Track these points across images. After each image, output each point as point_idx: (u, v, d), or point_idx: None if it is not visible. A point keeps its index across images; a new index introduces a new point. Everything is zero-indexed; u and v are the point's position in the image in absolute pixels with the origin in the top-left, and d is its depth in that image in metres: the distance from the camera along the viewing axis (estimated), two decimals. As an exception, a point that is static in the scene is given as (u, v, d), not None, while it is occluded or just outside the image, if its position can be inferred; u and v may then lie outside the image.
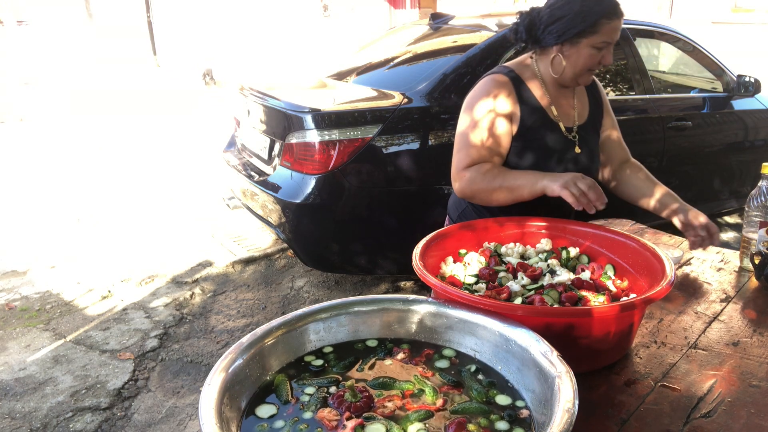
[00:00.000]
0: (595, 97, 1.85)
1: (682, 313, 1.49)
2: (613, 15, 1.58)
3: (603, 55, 1.61)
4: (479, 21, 3.88)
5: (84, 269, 3.97)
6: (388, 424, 0.94)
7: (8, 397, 2.67)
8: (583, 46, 1.60)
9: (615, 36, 1.60)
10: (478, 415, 0.97)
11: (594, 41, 1.59)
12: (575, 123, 1.76)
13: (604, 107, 1.88)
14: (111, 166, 6.28)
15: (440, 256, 1.46)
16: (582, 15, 1.56)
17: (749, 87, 4.10)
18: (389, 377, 1.07)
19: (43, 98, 9.81)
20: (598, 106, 1.85)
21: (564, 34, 1.60)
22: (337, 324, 1.18)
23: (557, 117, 1.72)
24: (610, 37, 1.59)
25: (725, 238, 4.52)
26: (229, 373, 0.98)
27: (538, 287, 1.33)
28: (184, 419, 2.56)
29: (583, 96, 1.82)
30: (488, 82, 1.69)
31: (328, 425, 0.95)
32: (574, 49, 1.62)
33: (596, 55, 1.61)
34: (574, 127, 1.75)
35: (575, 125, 1.75)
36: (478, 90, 1.70)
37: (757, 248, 1.66)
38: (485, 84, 1.70)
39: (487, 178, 1.61)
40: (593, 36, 1.58)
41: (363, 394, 1.00)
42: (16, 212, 5.05)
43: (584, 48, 1.60)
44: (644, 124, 3.79)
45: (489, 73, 1.73)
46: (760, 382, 1.19)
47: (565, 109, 1.75)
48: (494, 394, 1.02)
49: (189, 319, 3.38)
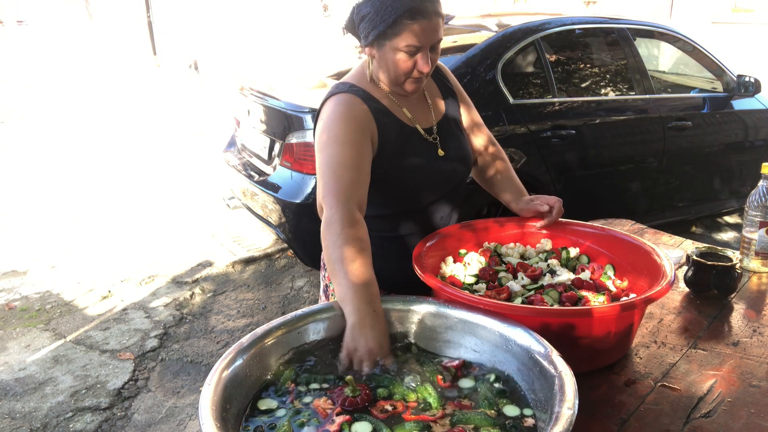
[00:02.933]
0: (444, 84, 1.62)
1: (682, 313, 1.49)
2: (418, 14, 1.30)
3: (416, 60, 1.35)
4: (479, 21, 3.88)
5: (84, 269, 3.97)
6: (377, 425, 0.94)
7: (8, 397, 2.67)
8: (388, 49, 1.36)
9: (425, 39, 1.33)
10: (480, 425, 0.95)
11: (398, 44, 1.33)
12: (434, 123, 1.53)
13: (458, 94, 1.64)
14: (111, 166, 6.28)
15: (440, 256, 1.46)
16: (381, 14, 1.32)
17: (749, 87, 4.10)
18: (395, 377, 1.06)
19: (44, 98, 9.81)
20: (450, 93, 1.62)
21: (368, 36, 1.37)
22: (336, 324, 1.18)
23: (412, 120, 1.49)
24: (418, 40, 1.32)
25: (725, 238, 4.52)
26: (229, 373, 0.99)
27: (538, 287, 1.33)
28: (184, 419, 2.56)
29: (433, 88, 1.59)
30: (335, 105, 1.43)
31: (322, 413, 0.96)
32: (381, 53, 1.38)
33: (407, 61, 1.35)
34: (434, 128, 1.53)
35: (434, 125, 1.53)
36: (329, 117, 1.42)
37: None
38: (333, 108, 1.43)
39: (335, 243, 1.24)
40: (396, 38, 1.33)
41: (363, 391, 1.00)
42: (16, 212, 5.04)
43: (389, 52, 1.36)
44: (644, 124, 3.79)
45: (330, 94, 1.47)
46: (760, 382, 1.19)
47: (420, 109, 1.53)
48: (504, 404, 1.00)
49: (189, 319, 3.38)
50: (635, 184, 3.87)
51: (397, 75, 1.39)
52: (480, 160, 1.70)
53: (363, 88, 1.46)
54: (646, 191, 3.93)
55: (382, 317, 1.16)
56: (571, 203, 3.56)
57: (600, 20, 4.02)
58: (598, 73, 3.92)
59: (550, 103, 3.52)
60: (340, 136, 1.37)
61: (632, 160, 3.80)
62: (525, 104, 3.42)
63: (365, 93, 1.45)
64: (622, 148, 3.73)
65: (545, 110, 3.50)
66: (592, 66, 3.93)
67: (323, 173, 1.35)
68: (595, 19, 4.05)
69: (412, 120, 1.50)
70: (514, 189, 1.66)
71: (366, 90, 1.46)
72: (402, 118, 1.48)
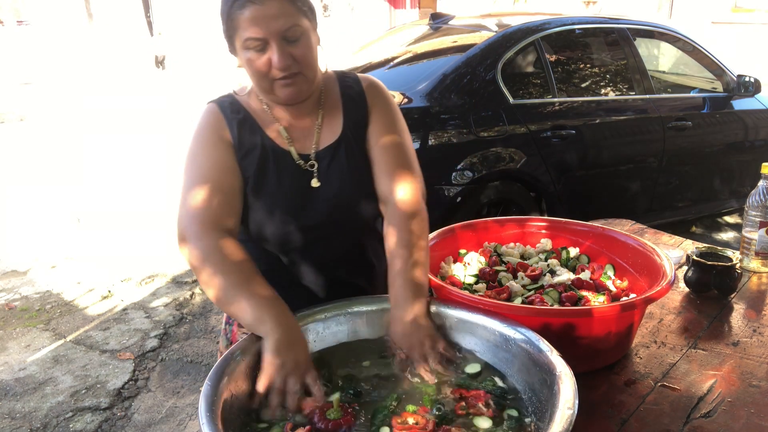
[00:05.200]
0: (352, 98, 1.33)
1: (682, 313, 1.49)
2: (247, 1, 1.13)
3: (269, 56, 1.16)
4: (479, 21, 3.88)
5: (84, 269, 3.97)
6: None
7: (8, 397, 2.67)
8: (239, 51, 1.20)
9: (265, 28, 1.13)
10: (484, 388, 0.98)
11: (242, 41, 1.17)
12: (314, 147, 1.28)
13: (373, 110, 1.32)
14: (111, 166, 6.28)
15: (440, 256, 1.46)
16: (224, 12, 1.18)
17: (749, 87, 4.10)
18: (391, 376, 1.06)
19: (43, 98, 9.81)
20: (358, 109, 1.32)
21: (226, 40, 1.23)
22: (336, 324, 1.18)
23: (290, 141, 1.27)
24: (256, 30, 1.14)
25: (725, 238, 4.52)
26: (230, 373, 0.99)
27: (538, 287, 1.33)
28: (184, 419, 2.56)
29: (337, 102, 1.32)
30: (202, 116, 1.28)
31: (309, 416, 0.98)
32: (240, 56, 1.21)
33: (258, 59, 1.17)
34: (312, 154, 1.28)
35: (313, 150, 1.28)
36: (197, 129, 1.27)
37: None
38: (201, 119, 1.28)
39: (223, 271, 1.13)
40: (236, 35, 1.18)
41: (346, 413, 0.97)
42: (16, 212, 5.05)
43: (241, 53, 1.19)
44: (644, 124, 3.79)
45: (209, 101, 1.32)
46: (760, 382, 1.19)
47: (304, 129, 1.29)
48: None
49: (189, 319, 3.38)
50: (635, 184, 3.87)
51: (258, 79, 1.20)
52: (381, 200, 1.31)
53: (237, 98, 1.30)
54: (646, 191, 3.93)
55: (298, 332, 1.09)
56: (571, 203, 3.60)
57: (600, 20, 4.02)
58: (598, 73, 3.92)
59: (550, 103, 3.52)
60: (199, 155, 1.24)
61: (632, 160, 3.80)
62: (525, 104, 3.42)
63: (233, 102, 1.29)
64: (622, 148, 3.73)
65: (545, 110, 3.50)
66: (592, 66, 3.93)
67: (183, 198, 1.22)
68: (595, 19, 4.06)
69: (288, 140, 1.27)
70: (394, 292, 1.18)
71: (239, 100, 1.30)
72: (272, 135, 1.26)
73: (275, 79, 1.18)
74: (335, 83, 1.34)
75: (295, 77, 1.19)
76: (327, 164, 1.27)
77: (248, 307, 1.08)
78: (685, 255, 1.71)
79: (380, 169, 1.30)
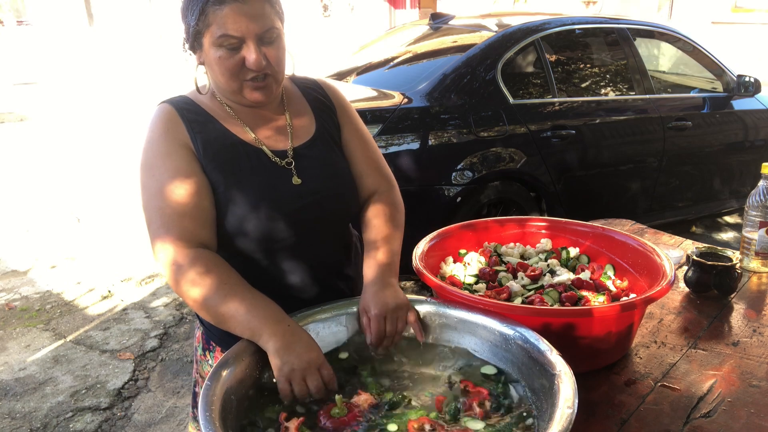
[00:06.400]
0: (321, 102, 1.35)
1: (682, 313, 1.49)
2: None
3: (243, 55, 1.13)
4: (479, 21, 3.88)
5: (84, 269, 3.97)
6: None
7: (8, 397, 2.68)
8: (207, 48, 1.15)
9: (243, 27, 1.11)
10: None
11: (213, 38, 1.12)
12: (290, 145, 1.26)
13: (340, 111, 1.36)
14: (111, 166, 6.28)
15: (440, 256, 1.46)
16: (191, 6, 1.13)
17: (749, 87, 4.10)
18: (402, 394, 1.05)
19: (43, 98, 9.81)
20: (327, 111, 1.34)
21: (189, 37, 1.18)
22: (337, 324, 1.18)
23: (259, 141, 1.24)
24: (233, 28, 1.10)
25: (725, 238, 4.52)
26: (229, 373, 0.99)
27: (538, 287, 1.33)
28: (184, 419, 2.56)
29: (301, 105, 1.33)
30: (154, 118, 1.22)
31: None
32: (205, 56, 1.17)
33: (229, 58, 1.13)
34: (289, 151, 1.26)
35: (290, 147, 1.26)
36: (149, 134, 1.21)
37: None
38: (153, 122, 1.21)
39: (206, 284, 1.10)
40: (208, 31, 1.13)
41: (352, 411, 0.98)
42: (16, 212, 5.05)
43: (209, 51, 1.15)
44: (644, 124, 3.79)
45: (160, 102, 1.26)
46: (760, 382, 1.19)
47: (273, 128, 1.27)
48: None
49: (189, 319, 3.38)
50: (635, 184, 3.87)
51: (226, 79, 1.16)
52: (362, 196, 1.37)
53: (192, 98, 1.25)
54: (646, 191, 3.93)
55: (300, 328, 1.08)
56: (571, 203, 3.60)
57: (600, 20, 4.03)
58: (598, 73, 3.92)
59: (550, 103, 3.52)
60: (156, 167, 1.18)
61: (632, 160, 3.80)
62: (525, 104, 3.42)
63: (188, 102, 1.23)
64: (622, 148, 3.73)
65: (545, 110, 3.50)
66: (592, 66, 3.94)
67: (147, 209, 1.17)
68: (595, 19, 4.06)
69: (257, 140, 1.24)
70: (368, 268, 1.25)
71: (194, 100, 1.24)
72: (239, 135, 1.23)
73: (245, 79, 1.16)
74: (293, 86, 1.36)
75: (267, 79, 1.17)
76: (306, 161, 1.26)
77: (241, 321, 1.06)
78: (685, 255, 1.71)
79: (363, 165, 1.35)
